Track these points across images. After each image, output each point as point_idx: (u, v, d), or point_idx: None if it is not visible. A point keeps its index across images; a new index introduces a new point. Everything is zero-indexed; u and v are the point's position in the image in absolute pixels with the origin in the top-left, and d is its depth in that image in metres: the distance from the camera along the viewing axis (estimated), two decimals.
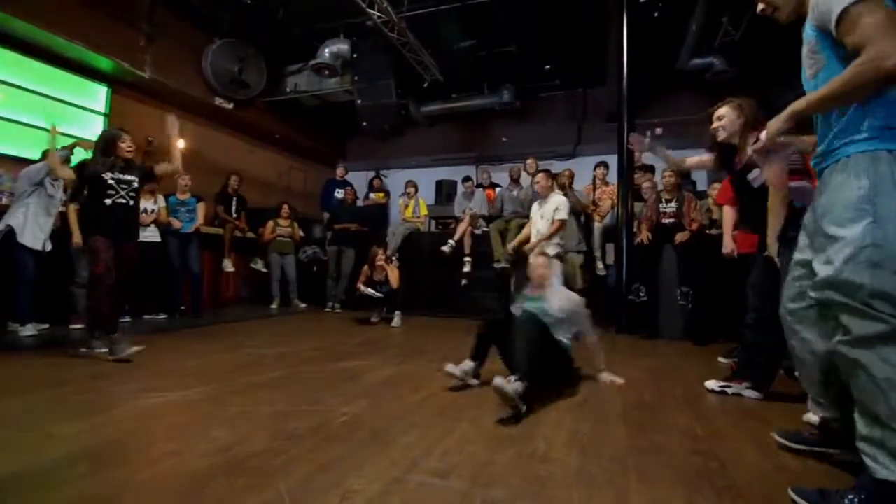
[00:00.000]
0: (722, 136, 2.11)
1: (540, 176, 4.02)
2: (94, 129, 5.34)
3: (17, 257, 3.36)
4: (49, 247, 3.55)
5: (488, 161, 8.40)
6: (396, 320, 4.55)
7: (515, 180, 5.54)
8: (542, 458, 1.39)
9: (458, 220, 5.85)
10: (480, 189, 6.17)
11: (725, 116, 2.10)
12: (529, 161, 5.52)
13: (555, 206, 3.84)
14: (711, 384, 2.29)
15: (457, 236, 5.42)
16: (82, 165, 2.92)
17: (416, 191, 6.43)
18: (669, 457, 1.45)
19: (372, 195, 7.07)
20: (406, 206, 6.38)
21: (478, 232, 5.55)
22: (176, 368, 2.51)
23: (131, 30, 5.15)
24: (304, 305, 5.78)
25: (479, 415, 1.81)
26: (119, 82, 5.45)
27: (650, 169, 5.46)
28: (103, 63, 5.04)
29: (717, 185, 4.20)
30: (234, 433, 1.55)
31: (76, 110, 5.14)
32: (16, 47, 4.56)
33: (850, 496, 1.09)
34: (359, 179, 8.13)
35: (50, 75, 4.88)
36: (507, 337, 2.14)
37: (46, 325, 3.57)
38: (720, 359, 3.07)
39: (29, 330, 3.35)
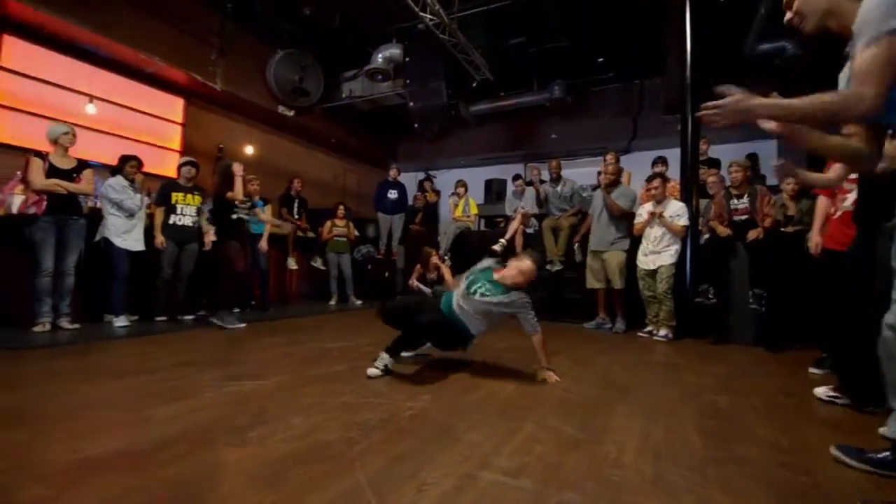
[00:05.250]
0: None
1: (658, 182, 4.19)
2: (172, 138, 5.84)
3: (113, 257, 3.77)
4: (142, 247, 3.95)
5: (537, 159, 8.27)
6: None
7: (558, 176, 5.40)
8: (614, 463, 1.36)
9: (508, 219, 5.81)
10: (531, 187, 6.09)
11: None
12: (553, 163, 5.48)
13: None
14: (821, 391, 2.13)
15: (508, 235, 5.37)
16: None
17: (466, 190, 6.46)
18: (754, 469, 1.36)
19: (419, 194, 7.23)
20: (456, 206, 6.43)
21: (530, 231, 5.48)
22: (250, 359, 2.70)
23: (204, 45, 5.58)
24: (359, 302, 5.98)
25: (543, 415, 1.79)
26: (193, 94, 5.91)
27: (716, 163, 5.14)
28: (179, 77, 5.49)
29: (791, 179, 3.87)
30: (309, 421, 1.64)
31: (157, 121, 5.65)
32: (107, 67, 5.09)
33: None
34: (409, 180, 8.29)
35: (133, 90, 5.40)
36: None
37: (136, 317, 3.95)
38: (812, 370, 2.81)
39: (122, 321, 3.72)
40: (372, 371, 2.30)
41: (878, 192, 1.77)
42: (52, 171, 3.39)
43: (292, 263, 5.80)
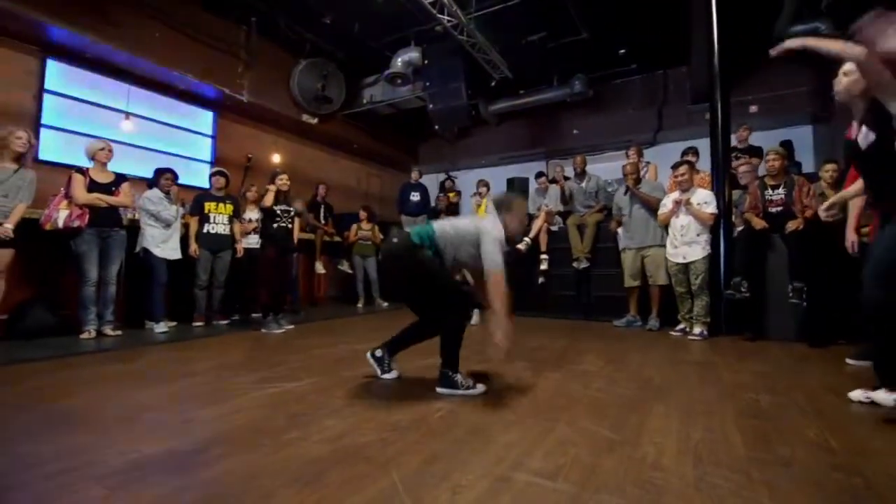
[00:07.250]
0: (842, 97, 1.98)
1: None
2: (203, 150, 6.05)
3: (152, 266, 3.95)
4: (179, 255, 4.11)
5: (559, 155, 8.16)
6: (475, 318, 4.58)
7: (582, 172, 5.34)
8: (653, 465, 1.32)
9: (532, 217, 5.75)
10: (554, 184, 6.01)
11: (848, 74, 1.94)
12: (578, 159, 5.41)
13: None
14: (857, 394, 1.97)
15: (532, 233, 5.33)
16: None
17: (488, 189, 6.43)
18: (803, 471, 1.30)
19: (441, 195, 7.24)
20: (479, 206, 6.40)
21: (554, 228, 5.41)
22: (284, 361, 2.77)
23: (231, 59, 5.76)
24: (385, 304, 6.05)
25: (576, 416, 1.77)
26: (222, 107, 6.10)
27: (758, 151, 4.93)
28: (209, 91, 5.68)
29: (829, 166, 3.71)
30: (344, 423, 1.67)
31: (188, 134, 5.86)
32: (142, 84, 5.31)
33: None
34: (431, 182, 8.32)
35: (166, 105, 5.62)
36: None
37: (174, 323, 4.11)
38: (849, 360, 2.69)
39: (161, 327, 3.88)
40: (387, 376, 2.35)
41: None
42: (93, 186, 3.57)
43: (320, 268, 5.94)
